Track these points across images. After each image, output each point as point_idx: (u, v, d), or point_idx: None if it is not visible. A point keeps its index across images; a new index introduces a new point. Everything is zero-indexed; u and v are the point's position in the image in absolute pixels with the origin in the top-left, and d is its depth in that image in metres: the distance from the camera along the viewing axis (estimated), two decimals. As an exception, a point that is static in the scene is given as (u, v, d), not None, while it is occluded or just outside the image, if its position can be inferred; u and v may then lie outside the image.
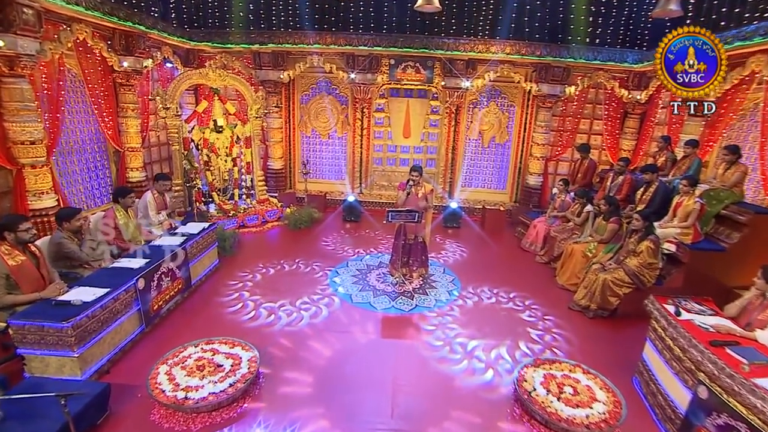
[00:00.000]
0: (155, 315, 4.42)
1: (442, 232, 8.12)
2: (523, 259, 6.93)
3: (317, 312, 4.95)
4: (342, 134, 9.40)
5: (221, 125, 7.67)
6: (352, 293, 5.43)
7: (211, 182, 7.73)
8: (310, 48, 8.30)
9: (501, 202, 9.25)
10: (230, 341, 3.92)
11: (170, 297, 4.71)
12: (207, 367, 3.54)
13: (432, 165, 9.45)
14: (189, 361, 3.61)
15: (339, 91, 9.13)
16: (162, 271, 4.54)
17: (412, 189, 5.56)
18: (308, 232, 7.73)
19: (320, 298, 5.28)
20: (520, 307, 5.23)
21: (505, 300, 5.41)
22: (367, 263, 6.42)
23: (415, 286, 5.67)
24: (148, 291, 4.28)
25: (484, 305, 5.26)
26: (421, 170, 5.56)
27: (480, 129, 9.15)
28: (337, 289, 5.53)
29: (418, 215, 5.19)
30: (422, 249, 5.85)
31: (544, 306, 5.28)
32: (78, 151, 6.49)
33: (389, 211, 5.22)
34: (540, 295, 5.56)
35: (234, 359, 3.68)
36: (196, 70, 7.31)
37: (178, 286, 4.87)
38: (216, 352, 3.76)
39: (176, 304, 4.88)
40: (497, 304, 5.31)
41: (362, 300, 5.26)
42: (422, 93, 8.99)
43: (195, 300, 5.12)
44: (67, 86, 6.20)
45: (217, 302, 5.08)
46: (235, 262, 6.19)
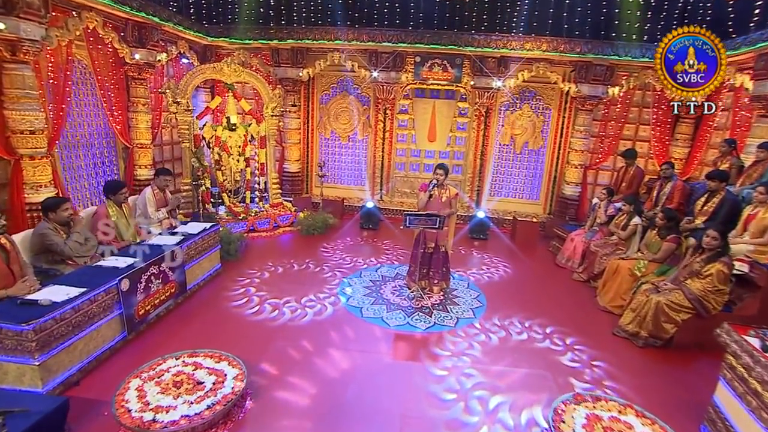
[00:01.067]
0: (141, 321, 4.07)
1: (467, 243, 7.56)
2: (559, 277, 6.28)
3: (322, 309, 4.72)
4: (363, 137, 9.04)
5: (234, 123, 7.43)
6: (363, 306, 4.95)
7: (222, 183, 7.47)
8: (331, 44, 8.02)
9: (533, 214, 8.62)
10: (217, 354, 3.50)
11: (160, 301, 4.35)
12: (185, 384, 3.12)
13: (459, 171, 8.95)
14: (166, 375, 3.20)
15: (361, 90, 8.80)
16: (151, 272, 4.19)
17: (435, 191, 5.08)
18: (322, 238, 7.32)
19: (326, 296, 4.85)
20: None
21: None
22: (383, 274, 5.94)
23: (435, 302, 5.13)
24: (134, 293, 3.93)
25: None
26: (447, 169, 5.09)
27: (512, 133, 8.61)
28: (348, 300, 5.06)
29: (439, 221, 4.69)
30: (444, 260, 5.33)
31: (591, 345, 4.30)
32: (84, 146, 6.35)
33: (407, 215, 4.75)
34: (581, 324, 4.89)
35: (218, 376, 3.25)
36: (210, 65, 7.11)
37: (170, 290, 4.52)
38: (199, 367, 3.34)
39: (167, 309, 4.52)
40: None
41: (374, 314, 4.76)
42: (449, 94, 8.55)
43: (190, 306, 4.76)
44: (76, 77, 6.09)
45: (213, 310, 4.70)
46: (239, 269, 5.82)
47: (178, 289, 4.67)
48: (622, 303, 4.93)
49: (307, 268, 5.89)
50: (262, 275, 5.61)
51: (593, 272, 5.93)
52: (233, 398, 3.03)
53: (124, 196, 4.66)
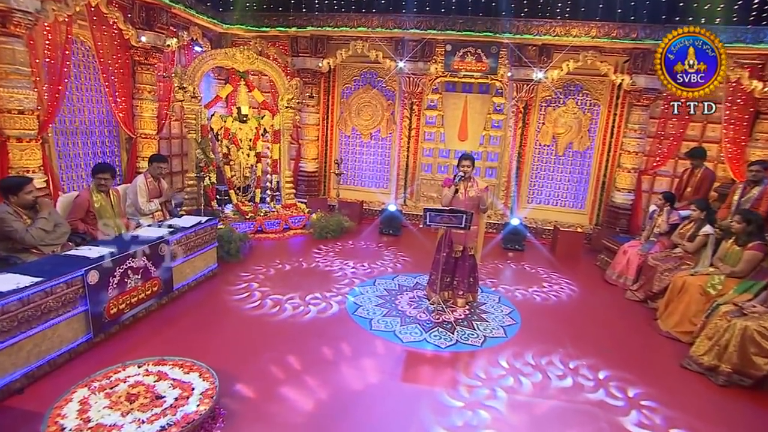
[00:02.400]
0: (112, 321, 3.66)
1: (500, 255, 6.90)
2: (609, 295, 5.53)
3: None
4: (386, 134, 8.60)
5: (246, 114, 7.13)
6: (373, 317, 4.39)
7: (230, 179, 7.15)
8: (354, 32, 7.66)
9: (578, 224, 7.87)
10: (188, 364, 3.02)
11: (138, 300, 3.95)
12: (141, 398, 2.65)
13: (493, 175, 8.34)
14: (121, 386, 2.74)
15: (385, 83, 8.38)
16: (129, 265, 3.80)
17: (461, 185, 4.53)
18: (335, 242, 6.84)
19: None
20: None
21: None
22: (400, 283, 5.37)
23: (459, 316, 4.52)
24: (104, 289, 3.53)
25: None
26: (473, 160, 4.54)
27: (554, 132, 7.95)
28: (356, 311, 4.52)
29: (466, 218, 4.11)
30: (471, 267, 4.73)
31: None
32: (84, 133, 6.15)
33: (427, 210, 4.21)
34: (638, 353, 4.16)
35: (183, 389, 2.76)
36: (222, 50, 6.85)
37: (152, 288, 4.12)
38: (163, 377, 2.86)
39: (147, 310, 4.11)
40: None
41: (384, 328, 4.20)
42: (483, 88, 8.00)
43: (175, 308, 4.34)
44: (78, 60, 5.93)
45: (202, 313, 4.26)
46: (238, 271, 5.40)
47: (162, 288, 4.26)
48: (692, 328, 4.17)
49: (317, 267, 5.50)
50: (268, 272, 5.33)
51: (652, 290, 5.16)
52: (196, 419, 2.52)
53: (106, 180, 4.32)
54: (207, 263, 5.09)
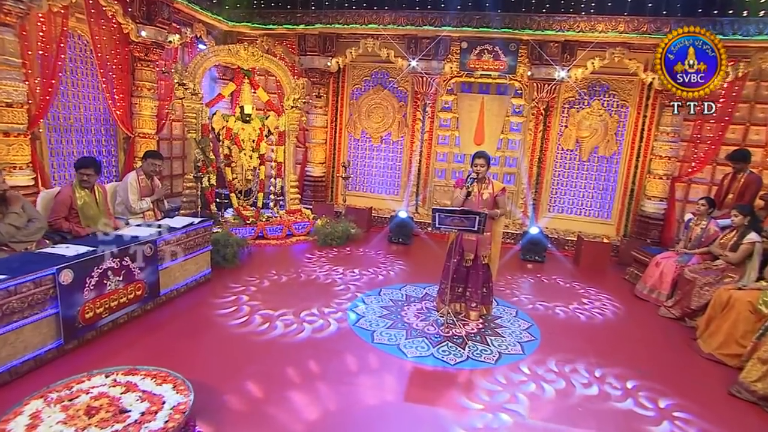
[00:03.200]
0: (88, 326, 3.43)
1: (519, 266, 6.54)
2: (640, 312, 5.14)
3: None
4: (398, 138, 8.37)
5: (249, 114, 6.99)
6: (375, 329, 4.09)
7: (231, 181, 6.98)
8: (364, 29, 7.52)
9: (604, 235, 7.47)
10: (162, 374, 2.76)
11: (119, 305, 3.72)
12: (102, 412, 2.39)
13: (511, 181, 8.02)
14: (82, 398, 2.48)
15: (397, 84, 8.19)
16: (109, 265, 3.58)
17: (475, 186, 4.26)
18: (340, 251, 6.58)
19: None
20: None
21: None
22: (408, 293, 5.07)
23: (471, 330, 4.20)
24: (79, 290, 3.32)
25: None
26: (489, 159, 4.27)
27: (578, 136, 7.62)
28: (357, 321, 4.23)
29: (479, 220, 3.81)
30: (485, 277, 4.42)
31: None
32: (79, 131, 6.06)
33: (435, 211, 3.94)
34: (677, 376, 3.78)
35: (152, 403, 2.50)
36: (225, 46, 6.75)
37: (135, 291, 3.90)
38: (131, 389, 2.60)
39: (130, 316, 3.89)
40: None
41: (388, 341, 3.89)
42: (501, 88, 7.74)
43: (161, 315, 4.11)
44: (75, 54, 5.86)
45: (189, 321, 4.02)
46: (234, 277, 5.16)
47: (147, 292, 4.04)
48: (740, 350, 3.77)
49: (317, 279, 5.14)
50: (261, 283, 4.94)
51: (690, 307, 4.76)
52: (162, 439, 2.25)
53: (89, 177, 4.14)
54: (199, 268, 4.87)
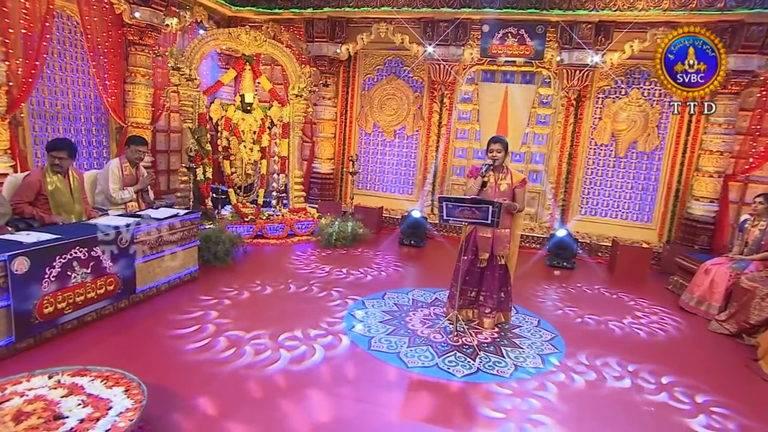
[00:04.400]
0: (46, 323, 3.24)
1: (544, 273, 6.15)
2: (686, 326, 4.69)
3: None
4: (413, 132, 8.11)
5: (250, 103, 6.84)
6: (374, 335, 3.79)
7: (229, 176, 6.82)
8: (377, 12, 7.32)
9: (643, 240, 7.01)
10: (116, 376, 2.53)
11: (86, 300, 3.53)
12: (34, 418, 2.16)
13: (538, 180, 7.65)
14: (14, 401, 2.26)
15: (412, 73, 7.95)
16: (74, 255, 3.40)
17: (491, 176, 3.96)
18: (345, 252, 6.32)
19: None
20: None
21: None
22: (415, 298, 4.76)
23: (484, 340, 3.86)
24: (36, 281, 3.13)
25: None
26: (507, 145, 3.95)
27: (614, 129, 7.21)
28: (353, 326, 3.94)
29: (492, 210, 3.49)
30: (501, 279, 4.09)
31: (739, 408, 3.12)
32: (67, 118, 5.99)
33: (443, 200, 3.66)
34: (727, 390, 3.38)
35: (95, 408, 2.26)
36: (225, 30, 6.64)
37: (106, 286, 3.70)
38: (75, 392, 2.38)
39: (99, 313, 3.69)
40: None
41: (386, 348, 3.59)
42: (527, 76, 7.41)
43: (136, 313, 3.91)
44: (63, 35, 5.81)
45: (166, 322, 3.80)
46: (225, 278, 4.95)
47: (120, 288, 3.85)
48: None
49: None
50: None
51: (748, 321, 4.30)
52: (97, 451, 2.00)
53: (61, 160, 3.98)
54: (184, 264, 4.67)
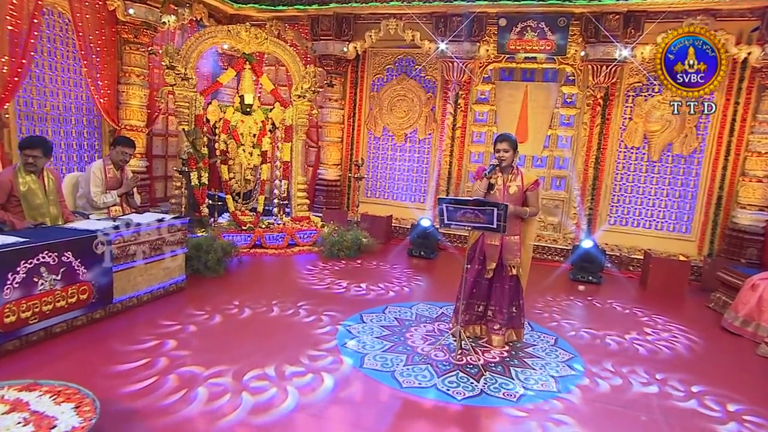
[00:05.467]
0: (8, 334, 3.15)
1: (567, 288, 5.91)
2: (730, 349, 4.38)
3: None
4: (425, 135, 8.00)
5: (250, 104, 6.82)
6: (368, 352, 3.63)
7: (227, 181, 6.78)
8: (386, 7, 7.30)
9: (681, 253, 6.68)
10: (68, 391, 2.43)
11: (55, 310, 3.45)
12: (-33, 434, 2.07)
13: (561, 187, 7.42)
14: (-50, 414, 2.18)
15: (424, 72, 7.86)
16: (42, 260, 3.33)
17: (498, 177, 3.81)
18: (348, 263, 6.18)
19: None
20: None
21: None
22: (419, 312, 4.59)
23: (492, 359, 3.66)
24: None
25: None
26: (515, 143, 3.79)
27: (646, 130, 6.96)
28: (345, 343, 3.78)
29: (497, 213, 3.31)
30: (512, 292, 3.90)
31: None
32: (57, 120, 6.05)
33: (442, 201, 3.52)
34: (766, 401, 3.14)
35: (38, 427, 2.15)
36: (223, 27, 6.67)
37: (79, 295, 3.62)
38: (18, 408, 2.28)
39: (70, 325, 3.62)
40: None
41: (381, 366, 3.41)
42: (549, 74, 7.25)
43: (112, 325, 3.83)
44: (54, 33, 5.89)
45: (146, 335, 3.70)
46: (212, 292, 4.87)
47: (95, 297, 3.77)
48: None
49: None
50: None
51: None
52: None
53: (35, 159, 3.95)
54: (170, 273, 4.60)
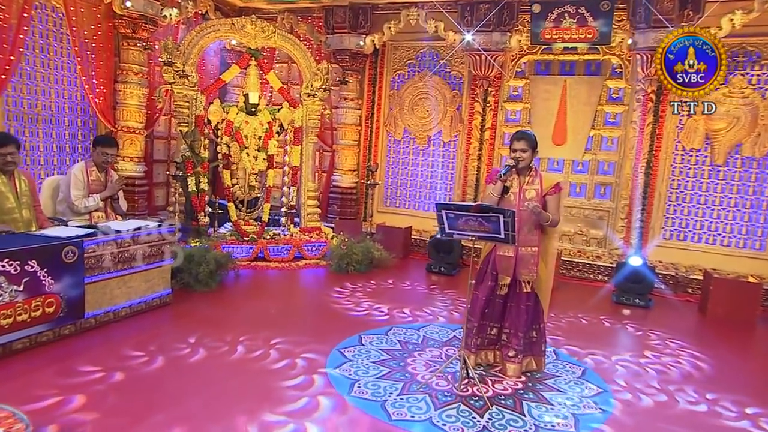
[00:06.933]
0: (-39, 346, 3.20)
1: (608, 311, 5.64)
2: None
3: None
4: (450, 138, 7.89)
5: (255, 104, 6.86)
6: (359, 378, 3.48)
7: (230, 188, 6.81)
8: (406, -4, 7.27)
9: (753, 274, 6.27)
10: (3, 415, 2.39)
11: (15, 324, 3.43)
12: None
13: (606, 196, 7.13)
14: None
15: (449, 68, 7.77)
16: (1, 269, 3.36)
17: (514, 179, 3.66)
18: (357, 279, 6.07)
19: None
20: None
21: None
22: (427, 334, 4.43)
23: (503, 390, 3.46)
24: (-50, 295, 3.11)
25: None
26: (534, 142, 3.66)
27: (708, 129, 6.62)
28: (336, 367, 3.65)
29: (504, 221, 3.14)
30: (531, 312, 3.72)
31: None
32: (48, 121, 6.21)
33: (439, 207, 3.40)
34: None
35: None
36: (228, 20, 6.76)
37: (44, 308, 3.62)
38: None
39: (34, 341, 3.61)
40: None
41: (370, 395, 3.26)
42: (592, 67, 7.03)
43: (82, 342, 3.83)
44: (47, 28, 6.05)
45: (116, 354, 3.68)
46: (197, 304, 4.85)
47: (64, 311, 3.77)
48: None
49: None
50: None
51: None
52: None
53: (12, 156, 4.02)
54: (152, 287, 4.59)
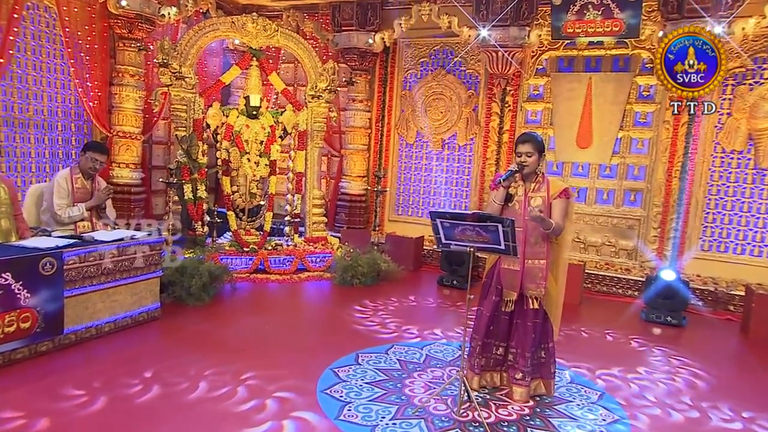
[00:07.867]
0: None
1: (637, 329, 5.50)
2: None
3: None
4: (466, 141, 7.83)
5: (257, 106, 6.88)
6: (350, 401, 3.41)
7: (229, 196, 6.83)
8: (418, -10, 7.26)
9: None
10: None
11: (-13, 338, 3.50)
12: None
13: (637, 203, 6.96)
14: None
15: (464, 66, 7.71)
16: (-28, 280, 3.40)
17: (518, 185, 3.64)
18: (360, 293, 6.02)
19: None
20: None
21: None
22: (431, 353, 4.35)
23: (506, 416, 3.36)
24: None
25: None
26: (541, 145, 3.66)
27: (751, 129, 6.44)
28: (324, 390, 3.58)
29: (504, 231, 3.06)
30: (539, 331, 3.65)
31: None
32: (41, 126, 6.31)
33: (433, 215, 3.38)
34: None
35: None
36: (228, 18, 6.81)
37: (19, 323, 3.63)
38: None
39: (6, 358, 3.61)
40: None
41: (359, 419, 3.19)
42: (620, 62, 6.92)
43: (61, 360, 3.83)
44: (39, 29, 6.15)
45: (100, 372, 3.69)
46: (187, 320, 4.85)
47: (41, 327, 3.78)
48: None
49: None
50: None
51: None
52: None
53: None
54: (139, 300, 4.61)
